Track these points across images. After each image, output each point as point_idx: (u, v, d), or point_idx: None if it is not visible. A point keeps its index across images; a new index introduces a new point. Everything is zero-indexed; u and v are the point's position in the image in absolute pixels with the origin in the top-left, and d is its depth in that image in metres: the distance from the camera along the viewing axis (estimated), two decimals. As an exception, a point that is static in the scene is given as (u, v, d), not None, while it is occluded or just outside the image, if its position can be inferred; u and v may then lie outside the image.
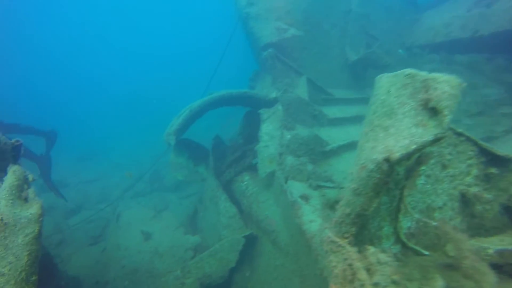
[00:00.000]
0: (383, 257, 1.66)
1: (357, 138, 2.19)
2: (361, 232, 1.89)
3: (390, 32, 7.42)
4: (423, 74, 1.76)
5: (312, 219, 3.24)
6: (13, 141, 3.02)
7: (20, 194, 2.29)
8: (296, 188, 3.72)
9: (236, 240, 4.49)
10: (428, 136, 1.58)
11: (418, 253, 1.95)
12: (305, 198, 3.49)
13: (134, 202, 7.98)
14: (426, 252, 1.93)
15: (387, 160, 1.65)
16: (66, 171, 9.63)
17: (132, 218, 5.63)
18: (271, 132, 5.21)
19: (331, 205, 3.49)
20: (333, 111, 5.87)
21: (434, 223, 2.05)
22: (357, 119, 6.03)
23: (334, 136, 5.26)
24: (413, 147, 1.59)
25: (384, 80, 2.08)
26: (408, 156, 1.61)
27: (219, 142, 6.24)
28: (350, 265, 1.68)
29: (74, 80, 33.37)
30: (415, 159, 2.09)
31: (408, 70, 1.85)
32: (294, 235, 3.74)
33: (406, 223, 2.06)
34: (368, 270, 1.62)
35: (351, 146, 5.07)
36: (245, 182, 5.32)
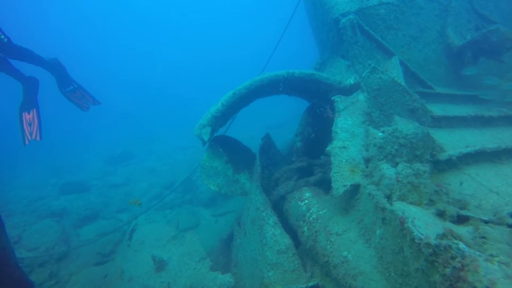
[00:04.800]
0: None
1: (479, 145, 1.63)
2: None
3: (510, 13, 5.44)
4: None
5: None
6: None
7: None
8: (416, 217, 1.94)
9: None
10: None
11: None
12: (450, 236, 1.69)
13: (160, 215, 6.63)
14: None
15: None
16: (92, 173, 8.76)
17: (146, 237, 4.17)
18: (350, 127, 3.51)
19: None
20: (434, 109, 4.03)
21: None
22: (474, 121, 4.12)
23: (444, 142, 3.42)
24: None
25: None
26: None
27: (270, 144, 4.65)
28: None
29: (116, 79, 34.60)
30: None
31: None
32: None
33: None
34: None
35: (479, 156, 3.22)
36: (306, 201, 3.63)
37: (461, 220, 2.00)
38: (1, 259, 3.59)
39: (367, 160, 3.17)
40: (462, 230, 1.79)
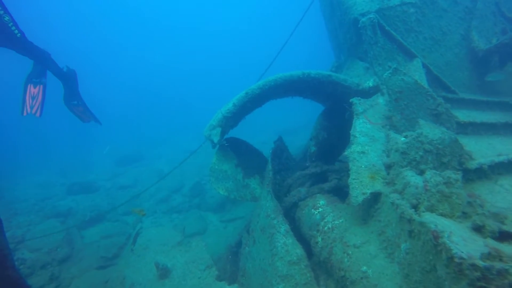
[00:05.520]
0: None
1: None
2: None
3: (539, 16, 5.14)
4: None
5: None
6: None
7: None
8: (453, 231, 1.69)
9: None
10: None
11: None
12: (497, 256, 1.44)
13: (166, 218, 6.46)
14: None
15: None
16: (100, 174, 8.68)
17: (151, 242, 3.99)
18: (369, 131, 3.28)
19: None
20: (458, 115, 3.78)
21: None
22: (504, 129, 3.86)
23: (472, 149, 3.16)
24: None
25: None
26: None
27: (282, 148, 4.45)
28: None
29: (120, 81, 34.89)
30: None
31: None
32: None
33: None
34: None
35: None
36: (320, 209, 3.40)
37: (504, 237, 1.75)
38: (-1, 259, 3.44)
39: (388, 167, 2.93)
40: (508, 249, 1.54)
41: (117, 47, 41.96)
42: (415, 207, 2.12)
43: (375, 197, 2.70)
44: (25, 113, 5.09)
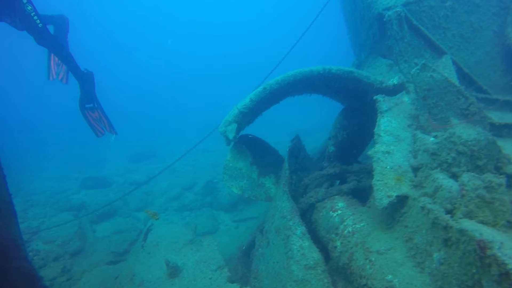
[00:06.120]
0: None
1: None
2: None
3: None
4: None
5: None
6: None
7: None
8: (503, 242, 1.49)
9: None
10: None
11: None
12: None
13: (178, 216, 6.39)
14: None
15: None
16: (114, 169, 8.72)
17: (162, 239, 3.90)
18: (395, 131, 3.07)
19: None
20: (491, 116, 3.51)
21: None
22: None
23: (509, 153, 2.90)
24: None
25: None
26: None
27: (300, 147, 4.28)
28: None
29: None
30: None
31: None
32: None
33: None
34: None
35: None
36: (339, 212, 3.21)
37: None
38: (10, 251, 3.40)
39: (416, 169, 2.73)
40: None
41: (125, 47, 42.60)
42: (450, 212, 1.92)
43: (402, 200, 2.50)
44: (51, 79, 5.10)
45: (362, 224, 2.84)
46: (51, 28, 5.08)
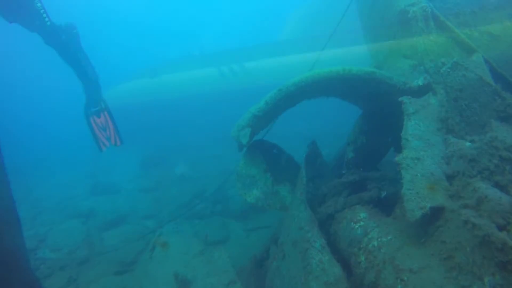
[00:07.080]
0: None
1: None
2: None
3: None
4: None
5: None
6: None
7: None
8: None
9: None
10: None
11: None
12: None
13: (188, 224, 6.19)
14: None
15: None
16: (124, 175, 8.63)
17: (171, 250, 3.69)
18: (424, 135, 2.81)
19: None
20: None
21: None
22: None
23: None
24: None
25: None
26: None
27: (316, 153, 4.04)
28: None
29: None
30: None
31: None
32: None
33: None
34: None
35: None
36: (361, 223, 2.95)
37: None
38: (14, 261, 3.25)
39: (450, 176, 2.46)
40: None
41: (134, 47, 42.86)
42: (503, 228, 1.65)
43: (436, 212, 2.23)
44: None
45: (389, 238, 2.57)
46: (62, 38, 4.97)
